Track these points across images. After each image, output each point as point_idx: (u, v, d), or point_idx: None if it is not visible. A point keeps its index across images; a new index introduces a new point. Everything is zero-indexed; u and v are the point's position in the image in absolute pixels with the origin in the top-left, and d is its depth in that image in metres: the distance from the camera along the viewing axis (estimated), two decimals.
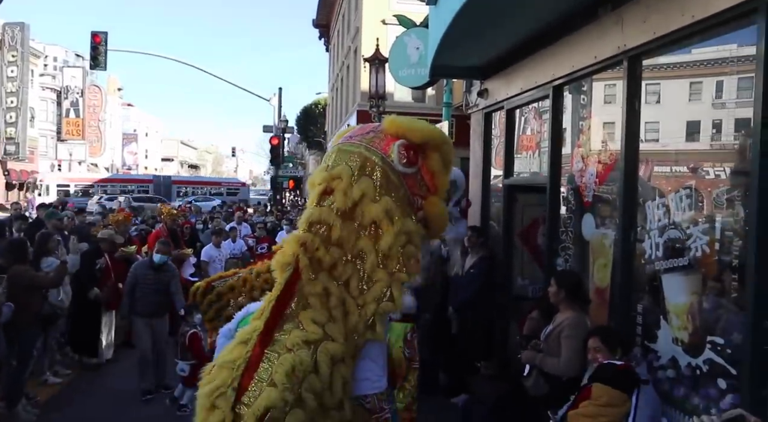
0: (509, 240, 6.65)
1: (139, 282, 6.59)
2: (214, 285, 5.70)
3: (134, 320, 6.78)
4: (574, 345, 4.27)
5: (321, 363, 2.56)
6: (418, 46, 9.31)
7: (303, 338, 2.58)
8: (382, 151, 2.90)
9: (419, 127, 3.00)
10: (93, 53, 20.35)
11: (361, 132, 3.12)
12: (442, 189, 3.04)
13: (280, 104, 27.50)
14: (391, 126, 3.01)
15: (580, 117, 5.26)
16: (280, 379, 2.42)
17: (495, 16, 5.01)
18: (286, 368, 2.45)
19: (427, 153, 2.98)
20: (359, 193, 2.82)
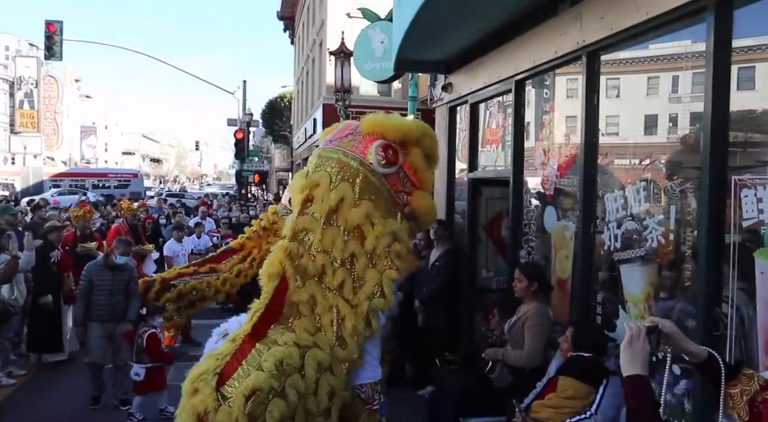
0: (474, 233, 6.72)
1: (94, 285, 6.02)
2: (173, 283, 5.60)
3: (89, 326, 6.07)
4: (537, 334, 4.36)
5: (308, 366, 2.64)
6: (382, 40, 9.30)
7: (294, 339, 2.68)
8: (360, 154, 2.94)
9: (396, 125, 3.03)
10: (48, 43, 19.70)
11: (340, 135, 3.14)
12: (427, 182, 3.13)
13: (244, 97, 27.15)
14: (368, 126, 3.04)
15: (542, 111, 5.34)
16: (269, 367, 2.51)
17: (458, 11, 5.04)
18: (276, 358, 2.55)
19: (408, 149, 3.03)
20: (337, 199, 2.86)
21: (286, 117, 34.68)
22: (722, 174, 3.08)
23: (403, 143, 3.01)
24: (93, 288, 6.02)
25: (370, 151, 2.94)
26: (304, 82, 26.87)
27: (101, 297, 6.02)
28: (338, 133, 3.21)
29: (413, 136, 3.07)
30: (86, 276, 6.08)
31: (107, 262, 6.12)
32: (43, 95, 47.72)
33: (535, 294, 4.52)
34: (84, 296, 6.06)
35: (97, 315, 6.02)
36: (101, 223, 11.44)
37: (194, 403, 2.45)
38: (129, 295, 6.11)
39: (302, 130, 26.25)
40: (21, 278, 6.80)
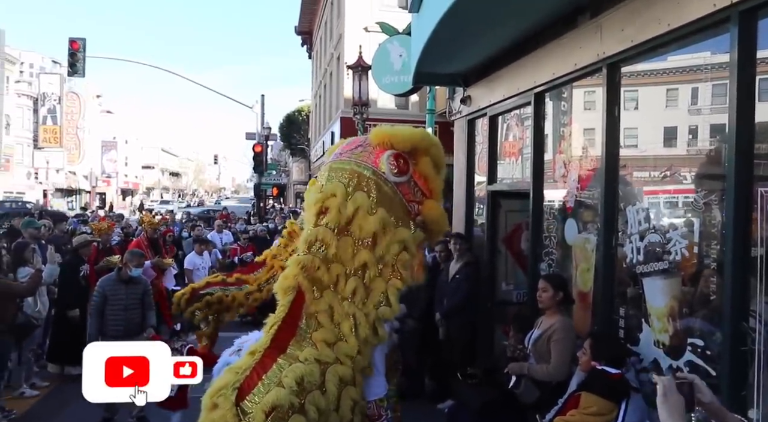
0: (493, 245, 6.69)
1: (108, 300, 5.94)
2: (202, 293, 5.66)
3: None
4: (563, 349, 4.31)
5: (329, 383, 2.64)
6: (401, 54, 9.36)
7: (316, 356, 2.67)
8: (372, 164, 2.95)
9: (405, 134, 3.05)
10: (71, 60, 20.09)
11: (349, 147, 3.16)
12: (437, 191, 3.11)
13: (262, 111, 27.42)
14: (378, 137, 3.05)
15: (561, 123, 5.33)
16: (289, 383, 2.51)
17: (477, 24, 5.06)
18: (296, 374, 2.54)
19: (417, 158, 3.04)
20: (353, 208, 2.88)
21: (304, 130, 34.92)
22: (748, 186, 3.05)
23: (413, 152, 3.03)
24: (107, 302, 5.96)
25: (381, 161, 2.96)
26: (321, 96, 27.08)
27: (116, 312, 5.96)
28: (347, 146, 3.23)
29: (422, 145, 3.08)
30: (100, 292, 6.02)
31: (120, 276, 6.09)
32: (65, 111, 48.60)
33: (560, 307, 4.48)
34: (98, 311, 5.97)
35: (112, 330, 5.93)
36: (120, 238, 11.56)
37: (213, 418, 2.45)
38: (144, 307, 6.10)
39: (320, 144, 26.40)
40: (43, 291, 6.90)
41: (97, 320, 5.98)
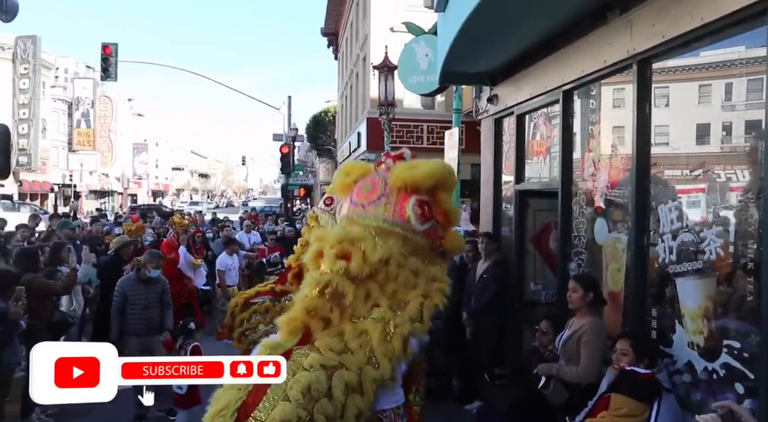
0: (521, 245, 6.64)
1: (128, 299, 6.10)
2: (252, 302, 5.63)
3: (127, 340, 6.12)
4: (594, 350, 4.25)
5: (335, 389, 2.57)
6: (427, 53, 9.34)
7: (321, 361, 2.60)
8: (399, 216, 2.95)
9: (426, 173, 3.05)
10: (103, 64, 20.54)
11: (370, 198, 3.11)
12: (455, 220, 3.20)
13: (289, 113, 27.65)
14: (399, 181, 3.04)
15: (590, 121, 5.26)
16: (296, 396, 2.44)
17: (504, 23, 5.03)
18: (302, 385, 2.47)
19: (438, 195, 3.04)
20: (380, 257, 2.85)
21: (331, 131, 35.09)
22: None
23: (433, 190, 3.05)
24: (128, 302, 6.10)
25: (407, 211, 2.96)
26: (348, 97, 27.18)
27: (136, 311, 6.09)
28: (368, 194, 3.18)
29: (442, 179, 3.08)
30: (120, 291, 6.16)
31: (140, 276, 6.22)
32: (98, 114, 49.71)
33: (590, 308, 4.42)
34: (119, 310, 6.11)
35: (133, 329, 6.09)
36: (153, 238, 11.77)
37: None
38: (163, 307, 6.22)
39: (346, 144, 26.51)
40: (78, 290, 7.07)
41: (118, 319, 6.13)
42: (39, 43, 37.99)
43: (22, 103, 37.49)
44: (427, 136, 19.36)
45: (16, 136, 36.11)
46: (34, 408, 5.80)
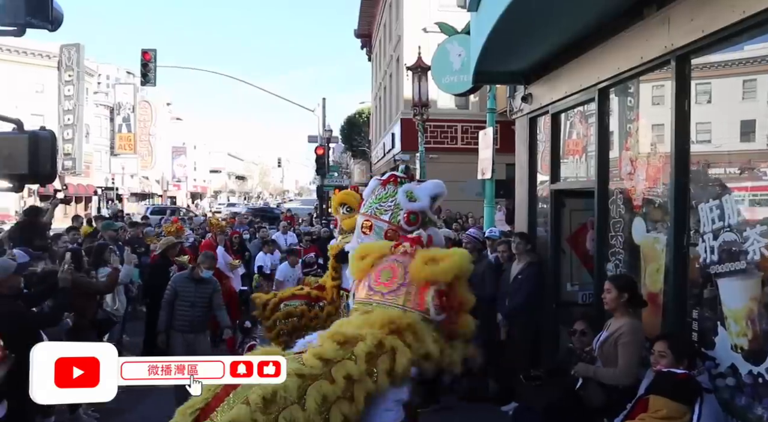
0: (557, 245, 6.56)
1: (178, 295, 6.24)
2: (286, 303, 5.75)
3: (172, 335, 6.26)
4: (632, 352, 4.18)
5: (309, 397, 2.57)
6: (460, 53, 9.30)
7: (297, 370, 2.58)
8: (418, 307, 3.12)
9: (448, 269, 3.23)
10: (143, 70, 21.06)
11: (390, 286, 3.24)
12: (469, 304, 3.31)
13: (324, 114, 27.86)
14: (419, 275, 3.17)
15: (627, 119, 5.17)
16: (255, 400, 2.45)
17: (537, 21, 4.98)
18: (265, 391, 2.46)
19: (454, 284, 3.16)
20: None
21: (365, 132, 35.24)
22: None
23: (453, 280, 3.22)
24: (177, 298, 6.24)
25: (426, 301, 3.12)
26: (381, 98, 27.25)
27: (183, 308, 6.23)
28: (387, 282, 3.32)
29: (460, 270, 3.22)
30: (171, 287, 6.32)
31: (193, 275, 6.38)
32: (139, 119, 50.99)
33: (627, 308, 4.34)
34: (168, 305, 6.26)
35: (178, 325, 6.23)
36: (194, 239, 12.02)
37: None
38: (214, 307, 6.35)
39: (381, 145, 26.58)
40: (121, 289, 7.28)
41: (166, 313, 6.27)
42: (82, 51, 39.17)
43: (67, 109, 38.75)
44: (462, 136, 19.28)
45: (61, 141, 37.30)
46: (81, 404, 5.98)
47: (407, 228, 4.17)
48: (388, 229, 4.21)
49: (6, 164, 4.81)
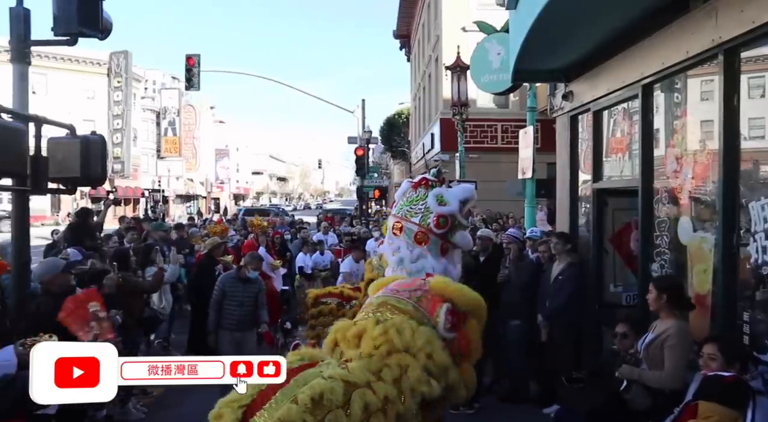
0: (600, 245, 6.43)
1: (227, 296, 6.38)
2: (322, 300, 5.89)
3: (220, 334, 6.41)
4: (678, 355, 4.07)
5: (354, 404, 2.52)
6: (499, 52, 9.23)
7: (343, 376, 2.56)
8: (428, 312, 2.97)
9: (469, 295, 3.05)
10: (187, 75, 21.57)
11: (409, 287, 3.14)
12: (476, 354, 3.08)
13: (363, 115, 28.00)
14: (439, 287, 3.05)
15: (673, 116, 5.04)
16: (304, 400, 2.40)
17: (577, 17, 4.90)
18: (314, 392, 2.43)
19: (468, 320, 3.01)
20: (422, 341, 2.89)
21: (404, 133, 35.25)
22: None
23: (466, 313, 3.03)
24: (225, 297, 6.39)
25: (438, 313, 2.94)
26: (421, 98, 27.23)
27: (232, 307, 6.37)
28: (405, 284, 3.23)
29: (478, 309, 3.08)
30: (219, 287, 6.47)
31: (239, 275, 6.52)
32: (183, 122, 52.29)
33: (673, 310, 4.23)
34: (217, 304, 6.41)
35: (227, 323, 6.38)
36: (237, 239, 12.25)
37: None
38: (258, 306, 6.51)
39: (420, 146, 26.55)
40: (167, 289, 7.49)
41: (215, 313, 6.42)
42: (130, 58, 40.45)
43: (116, 114, 40.07)
44: (501, 135, 19.10)
45: (111, 145, 38.56)
46: (130, 398, 6.18)
47: (436, 231, 4.20)
48: (417, 232, 4.24)
49: (60, 168, 5.04)
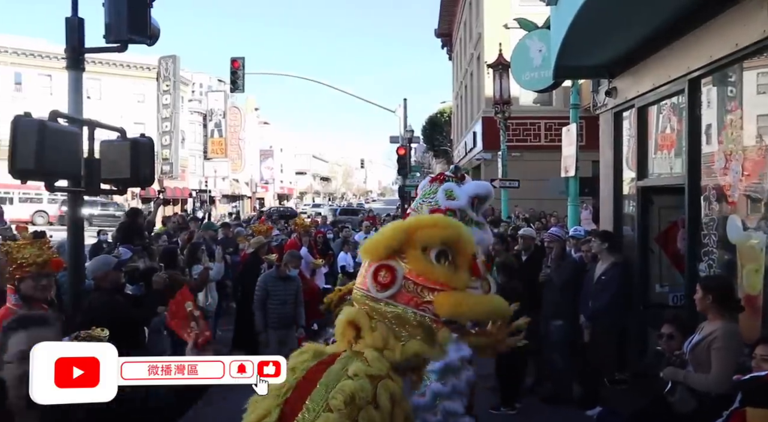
0: (645, 244, 6.29)
1: (270, 295, 6.45)
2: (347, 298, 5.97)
3: (268, 333, 6.49)
4: (726, 358, 3.95)
5: (381, 396, 2.41)
6: (540, 49, 9.13)
7: (366, 371, 2.44)
8: (363, 286, 2.60)
9: (375, 240, 2.63)
10: (232, 77, 22.07)
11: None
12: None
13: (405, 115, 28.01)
14: (364, 251, 2.66)
15: (724, 110, 4.89)
16: (338, 405, 2.30)
17: (620, 11, 4.82)
18: (346, 394, 2.32)
19: (406, 255, 2.58)
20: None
21: (446, 132, 35.12)
22: None
23: (400, 251, 2.57)
24: (268, 297, 6.49)
25: (368, 280, 2.60)
26: (462, 97, 27.08)
27: (274, 306, 6.48)
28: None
29: (401, 238, 2.57)
30: (261, 286, 6.58)
31: (279, 274, 6.62)
32: (229, 124, 53.40)
33: (721, 311, 4.10)
34: (261, 304, 6.52)
35: (271, 322, 6.49)
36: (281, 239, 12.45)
37: None
38: (297, 304, 6.62)
39: (462, 144, 26.42)
40: (213, 286, 7.68)
41: (261, 312, 6.53)
42: (178, 62, 41.61)
43: (165, 117, 41.29)
44: (545, 133, 18.83)
45: (159, 147, 39.80)
46: None
47: None
48: None
49: (111, 169, 5.24)
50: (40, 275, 3.68)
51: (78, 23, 5.15)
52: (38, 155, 4.24)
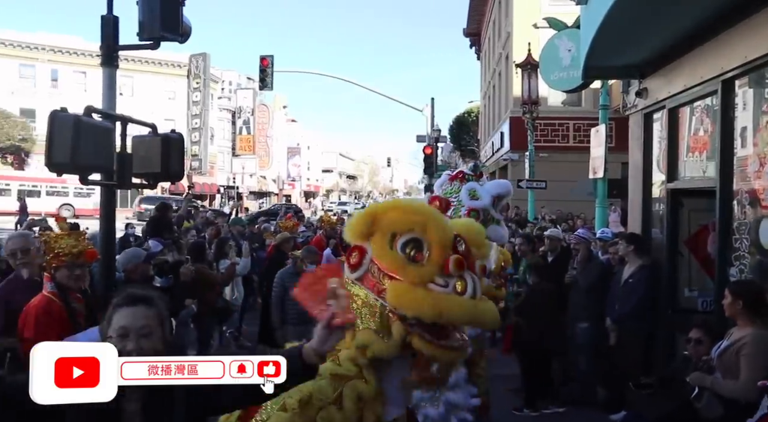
0: (674, 248, 6.19)
1: (287, 290, 6.35)
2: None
3: (286, 329, 6.47)
4: (755, 365, 3.88)
5: (346, 398, 2.39)
6: (570, 48, 9.04)
7: (332, 370, 2.42)
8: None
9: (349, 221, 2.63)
10: (261, 75, 22.30)
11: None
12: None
13: (432, 114, 27.99)
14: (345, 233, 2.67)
15: (760, 112, 4.79)
16: (292, 404, 2.31)
17: (651, 10, 4.75)
18: (303, 394, 2.32)
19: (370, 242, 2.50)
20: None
21: (474, 132, 34.97)
22: None
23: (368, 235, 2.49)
24: (286, 293, 6.40)
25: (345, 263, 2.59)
26: (490, 97, 26.94)
27: (293, 302, 6.41)
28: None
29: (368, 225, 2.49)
30: (279, 282, 6.60)
31: (297, 269, 6.61)
32: (257, 121, 54.00)
33: (752, 317, 4.03)
34: (279, 300, 6.52)
35: (290, 318, 6.46)
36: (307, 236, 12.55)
37: None
38: None
39: (489, 144, 26.29)
40: (239, 281, 7.80)
41: (278, 309, 6.54)
42: (208, 60, 42.19)
43: (195, 114, 41.92)
44: (573, 134, 18.63)
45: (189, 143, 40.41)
46: None
47: None
48: None
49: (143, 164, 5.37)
50: (74, 265, 3.80)
51: (113, 21, 5.28)
52: (73, 149, 4.36)
